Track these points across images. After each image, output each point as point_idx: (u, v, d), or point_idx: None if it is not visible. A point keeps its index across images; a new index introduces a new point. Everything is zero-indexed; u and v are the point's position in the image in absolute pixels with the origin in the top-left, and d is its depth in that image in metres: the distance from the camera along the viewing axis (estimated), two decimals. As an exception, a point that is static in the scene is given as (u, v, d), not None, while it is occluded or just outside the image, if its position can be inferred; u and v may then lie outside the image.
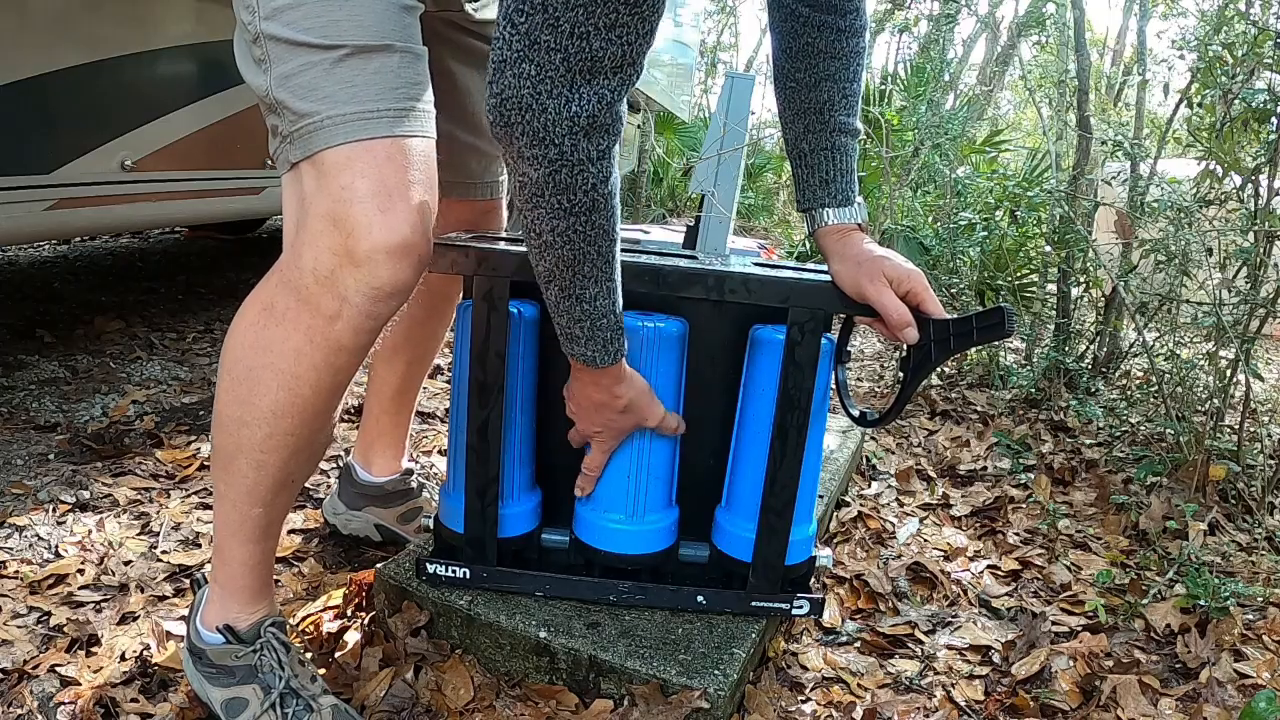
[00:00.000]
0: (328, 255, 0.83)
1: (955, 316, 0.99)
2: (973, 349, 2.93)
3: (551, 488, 1.19)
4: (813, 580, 1.22)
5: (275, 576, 1.17)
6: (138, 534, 1.42)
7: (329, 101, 0.82)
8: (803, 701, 1.16)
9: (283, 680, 0.94)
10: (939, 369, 2.89)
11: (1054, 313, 2.82)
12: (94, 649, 1.12)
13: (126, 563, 1.33)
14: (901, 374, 1.06)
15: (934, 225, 3.51)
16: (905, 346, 1.03)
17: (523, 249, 1.05)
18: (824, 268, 1.09)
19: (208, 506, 1.53)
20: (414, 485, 1.45)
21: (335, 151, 0.82)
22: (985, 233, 2.95)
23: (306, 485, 1.54)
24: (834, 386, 1.16)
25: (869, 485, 1.93)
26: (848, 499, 1.82)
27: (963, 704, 1.19)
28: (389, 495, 1.43)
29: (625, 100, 0.82)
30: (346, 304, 0.83)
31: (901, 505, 1.86)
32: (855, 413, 1.14)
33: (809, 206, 1.07)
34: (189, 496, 1.57)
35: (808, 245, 4.01)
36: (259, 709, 0.93)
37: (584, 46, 0.75)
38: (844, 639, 1.33)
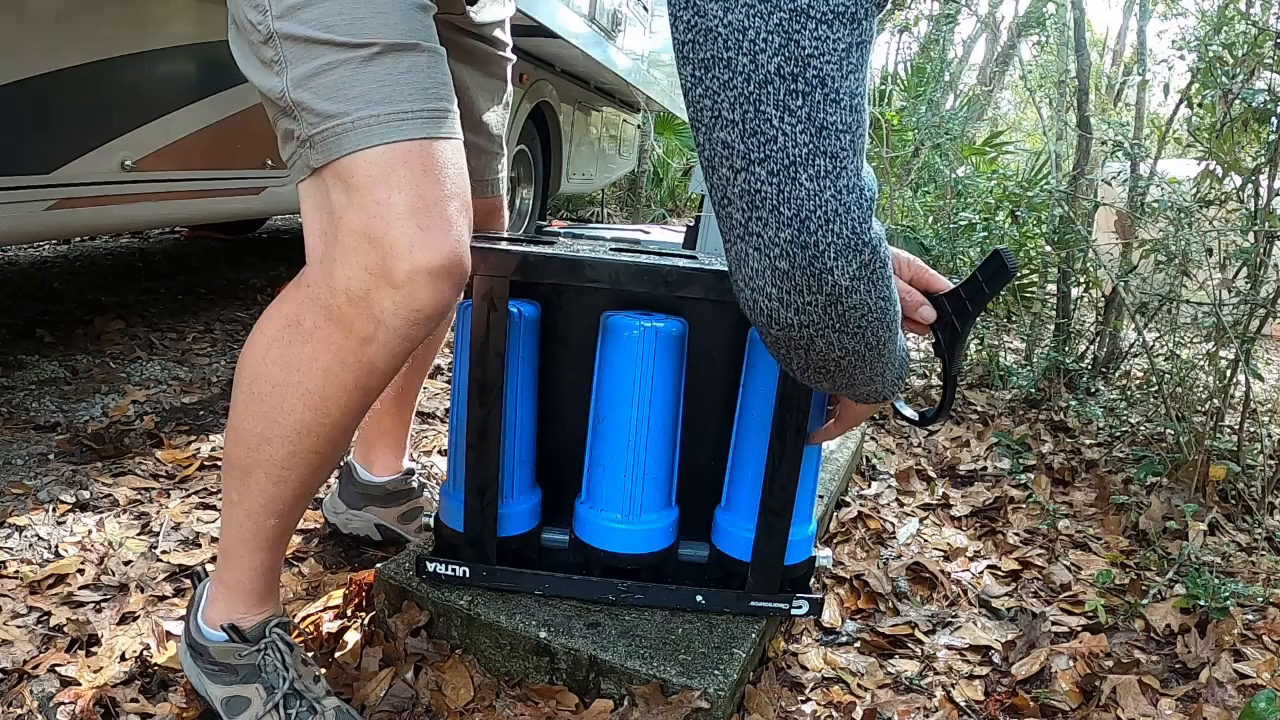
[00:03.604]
0: (362, 274, 0.78)
1: (959, 282, 0.97)
2: (970, 349, 2.93)
3: (551, 487, 1.19)
4: (812, 580, 1.22)
5: (275, 576, 1.17)
6: (138, 534, 1.42)
7: (360, 102, 0.78)
8: (803, 701, 1.16)
9: (287, 681, 0.94)
10: (946, 367, 2.88)
11: (1054, 313, 2.82)
12: (94, 649, 1.12)
13: (126, 563, 1.33)
14: (940, 361, 1.03)
15: (934, 225, 3.51)
16: (934, 336, 1.00)
17: (523, 248, 1.05)
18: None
19: (208, 506, 1.53)
20: (415, 485, 1.45)
21: (368, 156, 0.78)
22: (985, 233, 2.95)
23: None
24: None
25: (869, 485, 1.93)
26: (848, 499, 1.82)
27: (963, 704, 1.19)
28: (390, 495, 1.43)
29: None
30: (382, 326, 0.79)
31: (901, 505, 1.86)
32: (913, 414, 1.06)
33: None
34: (189, 496, 1.57)
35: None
36: (261, 709, 0.93)
37: (860, 119, 0.61)
38: (844, 639, 1.33)
